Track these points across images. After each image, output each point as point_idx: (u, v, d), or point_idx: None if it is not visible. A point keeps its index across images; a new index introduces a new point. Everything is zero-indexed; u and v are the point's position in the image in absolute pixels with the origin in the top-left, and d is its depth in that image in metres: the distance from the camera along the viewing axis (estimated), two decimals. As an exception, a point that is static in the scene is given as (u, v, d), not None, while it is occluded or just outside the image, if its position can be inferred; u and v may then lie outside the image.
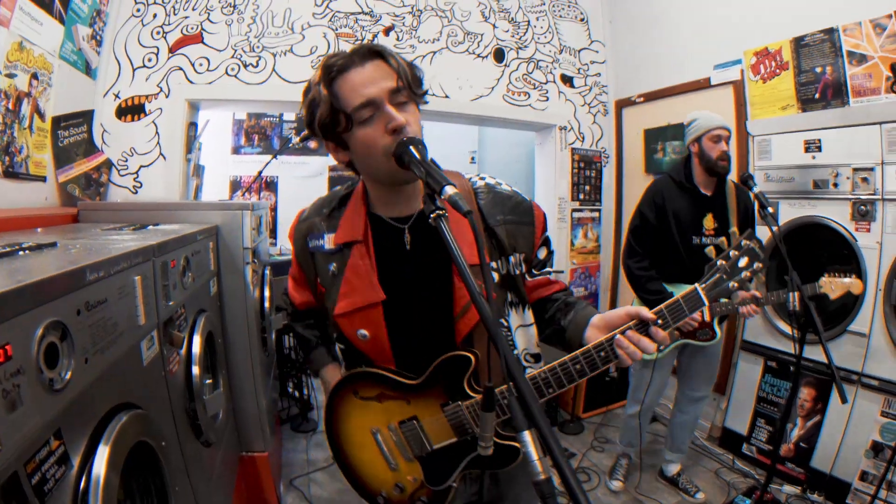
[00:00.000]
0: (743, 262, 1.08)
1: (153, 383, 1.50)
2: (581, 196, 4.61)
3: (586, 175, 4.64)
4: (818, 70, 2.76)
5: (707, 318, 2.43)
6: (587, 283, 4.66)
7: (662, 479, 2.94)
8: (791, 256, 1.97)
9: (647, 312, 1.04)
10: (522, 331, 1.24)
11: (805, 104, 2.85)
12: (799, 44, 2.87)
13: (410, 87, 1.03)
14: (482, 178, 1.24)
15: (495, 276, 1.16)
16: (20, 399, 0.79)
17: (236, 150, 4.55)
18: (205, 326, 2.06)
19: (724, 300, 2.42)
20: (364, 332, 1.13)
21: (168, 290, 1.71)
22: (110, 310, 1.21)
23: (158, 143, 3.00)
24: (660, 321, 1.06)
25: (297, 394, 3.94)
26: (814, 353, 2.55)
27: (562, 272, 4.50)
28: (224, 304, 2.57)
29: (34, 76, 2.05)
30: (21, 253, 1.24)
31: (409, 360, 1.15)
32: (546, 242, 1.27)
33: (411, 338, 1.14)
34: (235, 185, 4.46)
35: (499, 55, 4.23)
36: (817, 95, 2.78)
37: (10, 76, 1.88)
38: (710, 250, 2.46)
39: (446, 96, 3.92)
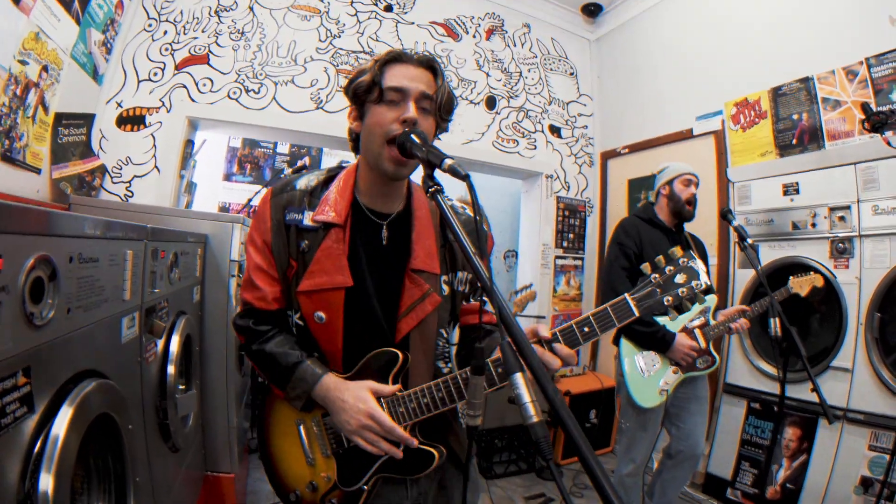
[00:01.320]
0: (680, 278, 1.02)
1: (128, 364, 1.47)
2: (565, 244, 4.69)
3: (570, 223, 4.74)
4: (795, 117, 2.93)
5: (703, 344, 2.38)
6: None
7: None
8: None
9: (544, 331, 1.03)
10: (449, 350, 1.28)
11: (783, 150, 2.99)
12: (776, 93, 3.05)
13: (441, 105, 1.13)
14: (449, 200, 1.26)
15: (445, 288, 1.20)
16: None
17: (228, 177, 4.58)
18: (184, 328, 2.03)
19: (712, 322, 2.44)
20: (321, 314, 1.12)
21: (154, 279, 1.70)
22: (100, 272, 1.21)
23: (155, 155, 3.02)
24: (560, 338, 1.04)
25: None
26: (797, 391, 2.56)
27: (543, 318, 4.51)
28: (205, 313, 2.53)
29: (45, 69, 2.10)
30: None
31: (355, 350, 1.14)
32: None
33: (362, 330, 1.14)
34: (223, 211, 4.46)
35: (491, 103, 4.41)
36: (794, 141, 2.93)
37: (23, 63, 1.92)
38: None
39: (439, 138, 4.03)
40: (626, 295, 1.05)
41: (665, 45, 4.03)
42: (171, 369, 1.84)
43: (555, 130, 4.69)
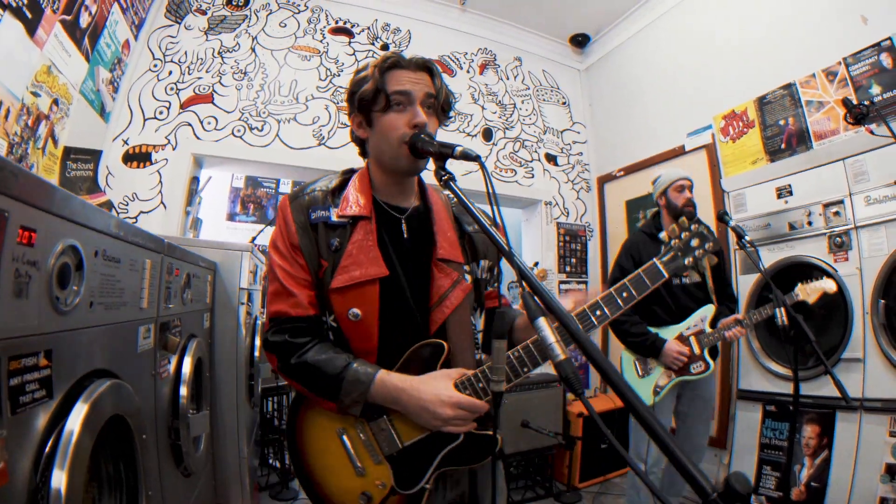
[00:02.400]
0: (694, 242, 1.16)
1: (142, 376, 1.47)
2: (567, 268, 4.71)
3: (572, 248, 4.79)
4: (781, 122, 3.03)
5: (697, 350, 2.48)
6: (576, 354, 4.61)
7: None
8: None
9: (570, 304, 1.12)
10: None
11: (773, 155, 3.08)
12: (762, 102, 3.15)
13: (442, 105, 1.18)
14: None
15: (468, 277, 1.21)
16: (27, 291, 0.81)
17: (231, 217, 4.64)
18: (196, 351, 2.02)
19: (708, 330, 2.51)
20: (356, 310, 1.10)
21: (169, 295, 1.73)
22: (121, 273, 1.24)
23: (161, 191, 3.08)
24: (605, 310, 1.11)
25: (277, 464, 3.71)
26: (811, 388, 2.56)
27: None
28: (215, 340, 2.53)
29: (55, 102, 2.18)
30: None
31: (391, 347, 1.13)
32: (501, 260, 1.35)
33: (397, 324, 1.13)
34: (228, 252, 4.50)
35: (487, 134, 4.53)
36: (783, 145, 3.01)
37: (35, 94, 2.00)
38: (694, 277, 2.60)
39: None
40: (654, 260, 1.15)
41: (651, 68, 4.18)
42: (183, 390, 1.82)
43: (551, 158, 4.79)
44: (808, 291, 2.34)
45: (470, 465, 1.15)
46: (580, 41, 4.81)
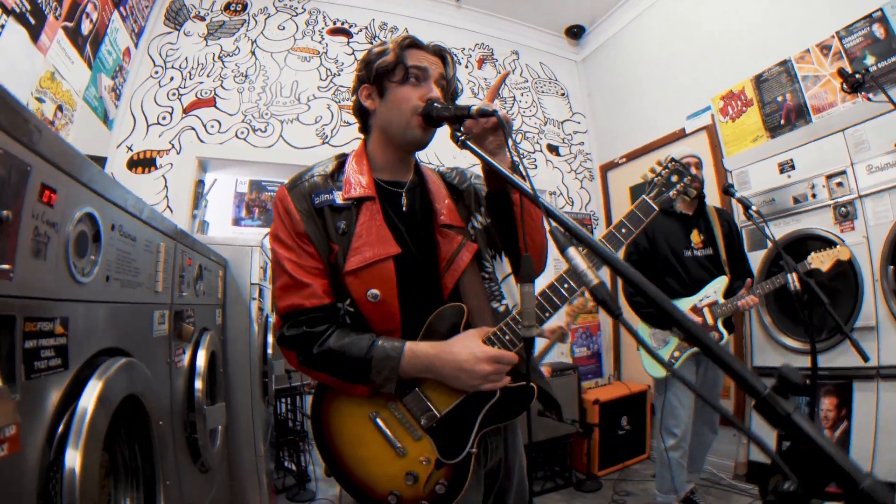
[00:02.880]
0: (674, 178, 1.27)
1: (157, 362, 1.46)
2: (575, 258, 4.70)
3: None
4: (779, 99, 3.04)
5: (710, 321, 2.50)
6: (589, 343, 4.61)
7: None
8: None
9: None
10: (506, 283, 1.30)
11: (773, 131, 3.09)
12: (759, 80, 3.17)
13: (451, 93, 1.22)
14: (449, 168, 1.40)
15: (473, 233, 1.25)
16: (45, 252, 0.81)
17: (237, 222, 4.67)
18: (209, 345, 2.02)
19: (721, 301, 2.52)
20: (375, 291, 1.09)
21: (183, 283, 1.73)
22: (136, 252, 1.25)
23: (167, 195, 3.11)
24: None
25: (293, 466, 3.70)
26: (825, 360, 2.53)
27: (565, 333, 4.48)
28: (227, 336, 2.53)
29: (59, 108, 2.20)
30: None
31: (413, 322, 1.12)
32: None
33: (414, 299, 1.13)
34: (235, 258, 4.53)
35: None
36: (783, 121, 3.03)
37: (40, 100, 2.02)
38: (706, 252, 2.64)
39: (442, 164, 4.15)
40: (644, 196, 1.24)
41: (648, 54, 4.19)
42: (198, 383, 1.82)
43: (553, 149, 4.80)
44: (822, 259, 2.34)
45: (510, 419, 1.15)
46: (575, 33, 4.83)
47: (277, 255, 1.14)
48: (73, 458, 0.82)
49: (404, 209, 1.20)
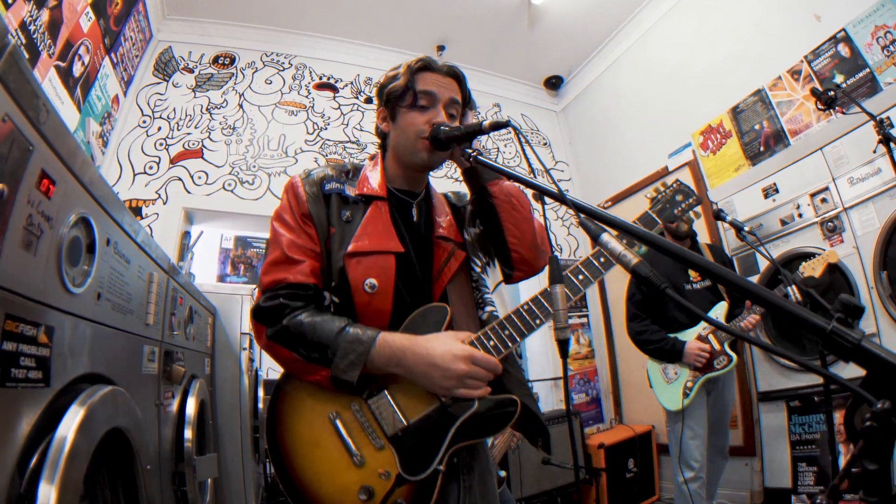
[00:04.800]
0: (679, 197, 1.33)
1: (146, 399, 1.35)
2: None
3: (569, 283, 4.75)
4: (757, 127, 3.16)
5: (717, 346, 2.49)
6: (587, 389, 4.49)
7: None
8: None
9: None
10: (498, 292, 1.28)
11: (754, 159, 3.18)
12: (736, 111, 3.30)
13: (465, 108, 1.24)
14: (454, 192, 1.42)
15: (469, 237, 1.28)
16: (36, 246, 0.74)
17: (222, 279, 4.54)
18: (199, 392, 1.90)
19: (728, 324, 2.47)
20: (373, 280, 1.07)
21: (173, 321, 1.64)
22: (129, 276, 1.18)
23: (152, 246, 3.02)
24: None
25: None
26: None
27: (559, 379, 4.37)
28: (216, 387, 2.40)
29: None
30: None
31: (401, 322, 1.09)
32: None
33: (403, 299, 1.11)
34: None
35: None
36: (762, 148, 3.13)
37: (28, 140, 1.97)
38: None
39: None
40: (646, 209, 1.30)
41: (625, 99, 4.35)
42: (188, 433, 1.70)
43: (538, 198, 4.84)
44: (814, 266, 2.39)
45: (487, 436, 1.07)
46: (554, 83, 5.01)
47: (275, 232, 1.12)
48: (48, 494, 0.70)
49: (414, 219, 1.21)
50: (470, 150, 1.04)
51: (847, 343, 0.49)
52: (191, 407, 1.75)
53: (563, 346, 0.83)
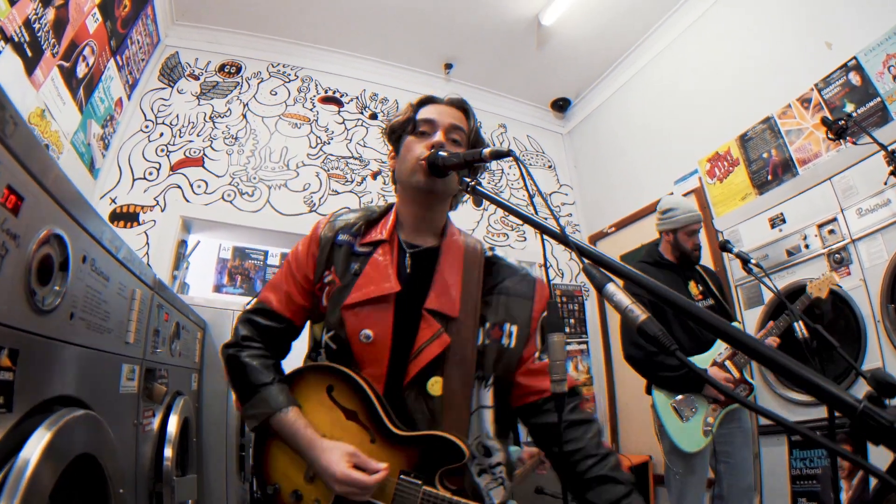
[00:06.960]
0: None
1: (123, 421, 1.30)
2: (567, 329, 4.59)
3: (570, 309, 4.69)
4: (765, 155, 3.11)
5: (737, 374, 2.35)
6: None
7: None
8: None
9: None
10: (478, 414, 1.11)
11: (761, 188, 3.13)
12: (744, 139, 3.25)
13: (471, 140, 1.22)
14: (493, 250, 1.29)
15: (480, 338, 1.13)
16: (1, 265, 0.69)
17: (218, 289, 4.48)
18: (183, 410, 1.85)
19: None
20: (368, 332, 1.07)
21: (157, 340, 1.59)
22: (108, 294, 1.13)
23: (147, 253, 2.98)
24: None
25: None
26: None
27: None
28: (203, 403, 2.33)
29: (46, 147, 2.12)
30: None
31: (400, 372, 1.07)
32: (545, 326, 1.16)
33: (404, 342, 1.08)
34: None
35: (478, 200, 4.52)
36: (770, 177, 3.07)
37: (27, 136, 1.95)
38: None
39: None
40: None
41: (632, 124, 4.30)
42: (168, 451, 1.65)
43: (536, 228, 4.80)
44: (820, 286, 2.33)
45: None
46: (561, 105, 4.99)
47: (287, 258, 1.24)
48: (3, 524, 0.67)
49: (408, 270, 1.15)
50: (468, 180, 0.99)
51: (879, 424, 0.46)
52: (172, 425, 1.71)
53: (558, 400, 0.77)
